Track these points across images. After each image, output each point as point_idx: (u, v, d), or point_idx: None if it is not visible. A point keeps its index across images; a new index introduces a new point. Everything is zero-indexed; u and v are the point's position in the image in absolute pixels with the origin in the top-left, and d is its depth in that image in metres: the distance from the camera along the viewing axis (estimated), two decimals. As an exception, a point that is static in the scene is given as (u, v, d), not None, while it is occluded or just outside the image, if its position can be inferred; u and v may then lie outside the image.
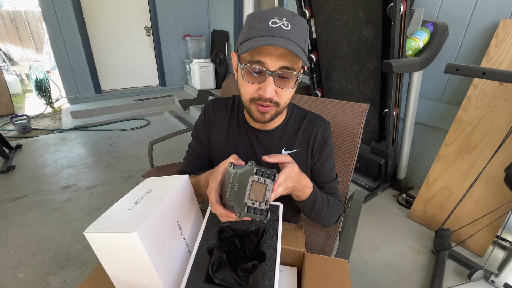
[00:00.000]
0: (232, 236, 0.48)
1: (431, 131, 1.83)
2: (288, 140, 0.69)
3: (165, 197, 0.44)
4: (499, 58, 1.36)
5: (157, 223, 0.41)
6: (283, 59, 0.52)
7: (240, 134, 0.71)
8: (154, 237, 0.40)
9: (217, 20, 3.95)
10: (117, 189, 1.93)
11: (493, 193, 1.37)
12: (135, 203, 0.44)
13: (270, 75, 0.52)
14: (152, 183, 0.51)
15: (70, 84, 3.37)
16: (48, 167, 2.20)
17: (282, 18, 0.52)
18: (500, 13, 1.37)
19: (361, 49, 1.47)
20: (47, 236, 1.46)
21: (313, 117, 0.71)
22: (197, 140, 0.77)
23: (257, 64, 0.52)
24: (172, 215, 0.45)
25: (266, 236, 0.47)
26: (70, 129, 2.99)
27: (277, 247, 0.45)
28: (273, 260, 0.44)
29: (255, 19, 0.53)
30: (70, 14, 3.09)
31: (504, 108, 1.34)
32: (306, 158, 0.69)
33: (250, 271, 0.41)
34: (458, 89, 1.63)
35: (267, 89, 0.53)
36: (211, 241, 0.46)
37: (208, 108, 0.76)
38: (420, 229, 1.60)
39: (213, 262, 0.41)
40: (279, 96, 0.56)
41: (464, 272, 1.30)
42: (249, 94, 0.57)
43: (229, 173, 0.46)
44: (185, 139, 2.79)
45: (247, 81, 0.55)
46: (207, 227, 0.49)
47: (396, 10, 1.14)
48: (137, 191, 0.48)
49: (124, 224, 0.38)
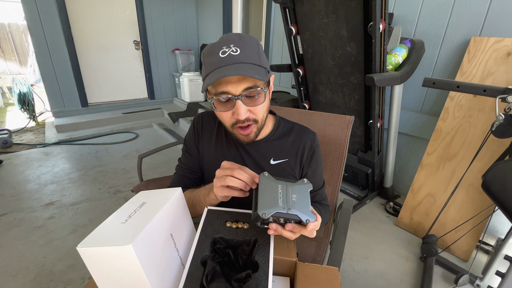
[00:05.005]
0: (225, 247, 0.49)
1: (413, 141, 1.91)
2: (276, 151, 0.72)
3: (158, 210, 0.44)
4: (472, 72, 1.46)
5: (151, 236, 0.41)
6: (243, 82, 0.55)
7: (228, 146, 0.73)
8: (148, 250, 0.40)
9: (206, 34, 4.03)
10: (104, 205, 1.87)
11: (473, 199, 1.44)
12: (129, 216, 0.44)
13: (238, 99, 0.56)
14: (145, 197, 0.51)
15: (56, 98, 3.31)
16: (30, 183, 2.12)
17: (230, 45, 0.55)
18: (471, 31, 1.48)
19: (345, 64, 1.54)
20: (29, 256, 1.39)
21: (300, 129, 0.74)
22: (187, 153, 0.78)
23: (222, 94, 0.56)
24: (166, 228, 0.46)
25: (258, 246, 0.48)
26: (54, 143, 2.91)
27: (269, 257, 0.46)
28: (266, 269, 0.44)
29: (207, 55, 0.57)
30: (57, 27, 3.07)
31: (479, 119, 1.43)
32: (294, 168, 0.71)
33: (243, 281, 0.42)
34: (436, 101, 1.72)
35: (240, 112, 0.57)
36: (204, 252, 0.47)
37: (197, 121, 0.78)
38: (408, 236, 1.63)
39: (207, 273, 0.42)
40: (254, 114, 0.60)
41: (450, 277, 1.33)
42: (227, 122, 0.61)
43: (269, 181, 0.47)
44: (174, 152, 2.76)
45: (220, 111, 0.59)
46: (200, 239, 0.49)
47: (376, 28, 1.21)
48: (130, 205, 0.48)
49: (118, 238, 0.38)
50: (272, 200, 0.44)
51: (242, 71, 0.53)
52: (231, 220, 0.53)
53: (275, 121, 0.73)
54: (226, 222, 0.53)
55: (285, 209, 0.44)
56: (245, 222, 0.53)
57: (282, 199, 0.45)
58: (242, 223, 0.53)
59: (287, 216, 0.44)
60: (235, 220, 0.53)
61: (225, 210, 0.56)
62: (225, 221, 0.53)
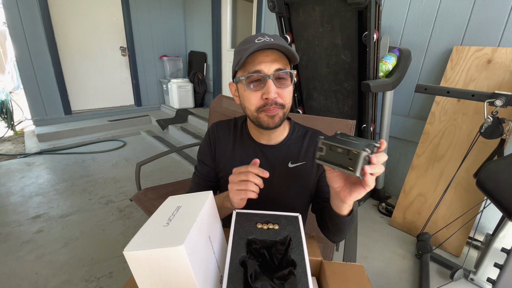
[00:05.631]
0: (260, 248, 0.50)
1: (402, 144, 2.01)
2: (293, 154, 0.74)
3: (198, 213, 0.45)
4: (455, 79, 1.57)
5: (196, 238, 0.42)
6: (275, 63, 0.60)
7: (246, 151, 0.74)
8: (195, 251, 0.40)
9: (195, 41, 4.04)
10: (96, 216, 1.80)
11: (461, 198, 1.53)
12: (169, 219, 0.44)
13: (269, 78, 0.59)
14: (177, 201, 0.51)
15: (37, 105, 3.16)
16: (14, 195, 2.00)
17: (265, 36, 0.61)
18: (453, 41, 1.61)
19: (339, 71, 1.61)
20: (19, 273, 1.31)
21: (314, 132, 0.77)
22: (202, 163, 0.79)
23: (255, 73, 0.59)
24: (205, 230, 0.46)
25: (292, 245, 0.50)
26: (36, 153, 2.76)
27: (304, 254, 0.48)
28: (303, 267, 0.46)
29: (242, 44, 0.62)
30: (39, 32, 2.96)
31: (463, 122, 1.54)
32: (312, 169, 0.74)
33: (285, 279, 0.43)
34: (422, 106, 1.83)
35: (270, 91, 0.59)
36: (241, 253, 0.48)
37: (212, 131, 0.79)
38: (402, 235, 1.70)
39: (251, 273, 0.42)
40: (281, 97, 0.62)
41: (444, 273, 1.40)
42: (254, 104, 0.63)
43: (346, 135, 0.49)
44: (165, 160, 2.72)
45: (250, 90, 0.61)
46: (235, 241, 0.50)
47: (370, 38, 1.28)
48: (165, 209, 0.48)
49: (167, 239, 0.39)
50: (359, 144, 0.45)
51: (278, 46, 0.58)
52: (261, 222, 0.55)
53: (290, 125, 0.76)
54: (257, 223, 0.54)
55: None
56: (275, 223, 0.54)
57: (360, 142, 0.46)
58: (272, 224, 0.54)
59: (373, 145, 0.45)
60: (265, 221, 0.55)
61: (253, 213, 0.57)
62: (255, 222, 0.54)
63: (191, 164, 2.62)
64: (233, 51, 0.66)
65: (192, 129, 3.37)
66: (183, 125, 3.48)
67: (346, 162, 0.45)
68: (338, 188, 0.52)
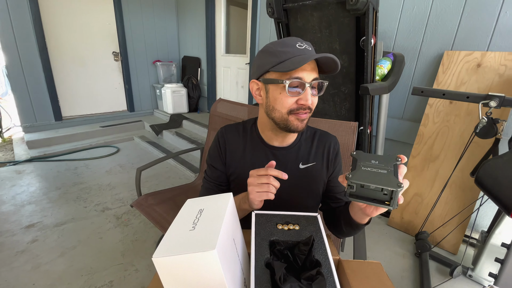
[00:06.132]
0: (284, 249, 0.50)
1: (397, 145, 2.06)
2: (304, 155, 0.75)
3: (223, 215, 0.45)
4: (447, 82, 1.63)
5: (224, 241, 0.42)
6: (313, 72, 0.63)
7: (256, 153, 0.75)
8: (225, 255, 0.41)
9: (188, 47, 4.03)
10: (92, 224, 1.76)
11: (456, 196, 1.58)
12: (194, 223, 0.44)
13: (308, 86, 0.62)
14: (197, 204, 0.51)
15: (26, 111, 3.07)
16: (5, 204, 1.92)
17: (303, 42, 0.63)
18: (443, 46, 1.67)
19: (337, 75, 1.64)
20: (15, 284, 1.25)
21: (322, 133, 0.79)
22: (212, 167, 0.79)
23: (297, 79, 0.61)
24: (230, 233, 0.46)
25: (315, 245, 0.50)
26: (26, 161, 2.68)
27: (328, 254, 0.49)
28: (328, 266, 0.47)
29: (280, 46, 0.63)
30: (31, 38, 2.89)
31: (456, 123, 1.60)
32: (322, 170, 0.75)
33: (313, 279, 0.44)
34: (416, 108, 1.89)
35: (308, 98, 0.62)
36: (265, 255, 0.48)
37: (221, 134, 0.79)
38: (401, 235, 1.74)
39: (280, 275, 0.43)
40: (312, 103, 0.65)
41: (443, 270, 1.43)
42: (287, 107, 0.64)
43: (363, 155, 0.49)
44: (161, 165, 2.68)
45: (290, 95, 0.63)
46: (257, 243, 0.50)
47: (368, 43, 1.32)
48: (187, 213, 0.48)
49: (197, 244, 0.39)
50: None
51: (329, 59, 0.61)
52: (281, 223, 0.55)
53: None
54: (277, 224, 0.55)
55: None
56: (295, 224, 0.55)
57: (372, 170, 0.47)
58: (293, 225, 0.55)
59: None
60: (285, 222, 0.55)
61: (272, 213, 0.57)
62: (276, 223, 0.55)
63: (187, 170, 2.60)
64: (263, 50, 0.67)
65: (187, 134, 3.34)
66: (178, 130, 3.45)
67: (381, 197, 0.46)
68: (363, 205, 0.54)
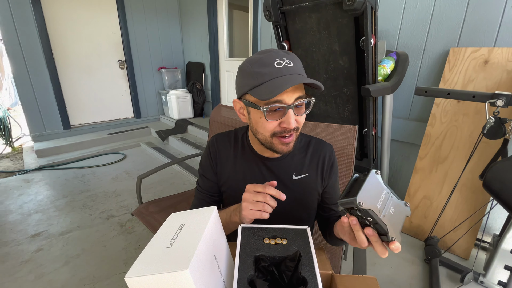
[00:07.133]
0: (269, 265, 0.48)
1: (404, 146, 1.99)
2: (297, 165, 0.72)
3: (202, 231, 0.43)
4: (453, 80, 1.57)
5: (201, 259, 0.40)
6: (296, 91, 0.57)
7: (248, 164, 0.72)
8: (201, 274, 0.39)
9: (192, 52, 4.07)
10: (97, 232, 1.77)
11: (467, 199, 1.51)
12: (172, 240, 0.42)
13: (290, 108, 0.57)
14: (181, 218, 0.49)
15: (35, 121, 3.15)
16: (12, 213, 1.96)
17: (283, 58, 0.57)
18: (449, 42, 1.61)
19: (338, 77, 1.61)
20: (18, 295, 1.27)
21: (317, 142, 0.75)
22: (204, 177, 0.77)
23: (276, 103, 0.56)
24: (210, 250, 0.44)
25: (302, 260, 0.48)
26: (35, 169, 2.74)
27: (315, 271, 0.46)
28: (315, 284, 0.44)
29: (258, 65, 0.57)
30: (37, 48, 2.97)
31: (464, 122, 1.53)
32: (316, 181, 0.72)
33: (297, 298, 0.41)
34: (422, 108, 1.83)
35: (290, 121, 0.57)
36: (249, 272, 0.46)
37: (212, 144, 0.76)
38: (410, 239, 1.67)
39: (261, 294, 0.40)
40: (298, 123, 0.60)
41: (454, 276, 1.37)
42: (270, 131, 0.60)
43: (377, 180, 0.45)
44: (166, 172, 2.69)
45: (270, 120, 0.58)
46: (241, 259, 0.48)
47: (367, 43, 1.29)
48: (168, 228, 0.47)
49: (170, 263, 0.37)
50: (373, 198, 0.42)
51: (304, 79, 0.56)
52: (268, 237, 0.53)
53: None
54: (264, 239, 0.52)
55: (380, 213, 0.42)
56: (283, 238, 0.52)
57: (381, 203, 0.43)
58: (280, 239, 0.52)
59: (377, 221, 0.42)
60: (272, 236, 0.53)
61: (259, 227, 0.55)
62: (263, 238, 0.53)
63: (192, 175, 2.59)
64: (241, 68, 0.59)
65: (192, 139, 3.35)
66: (183, 136, 3.46)
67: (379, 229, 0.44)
68: None
